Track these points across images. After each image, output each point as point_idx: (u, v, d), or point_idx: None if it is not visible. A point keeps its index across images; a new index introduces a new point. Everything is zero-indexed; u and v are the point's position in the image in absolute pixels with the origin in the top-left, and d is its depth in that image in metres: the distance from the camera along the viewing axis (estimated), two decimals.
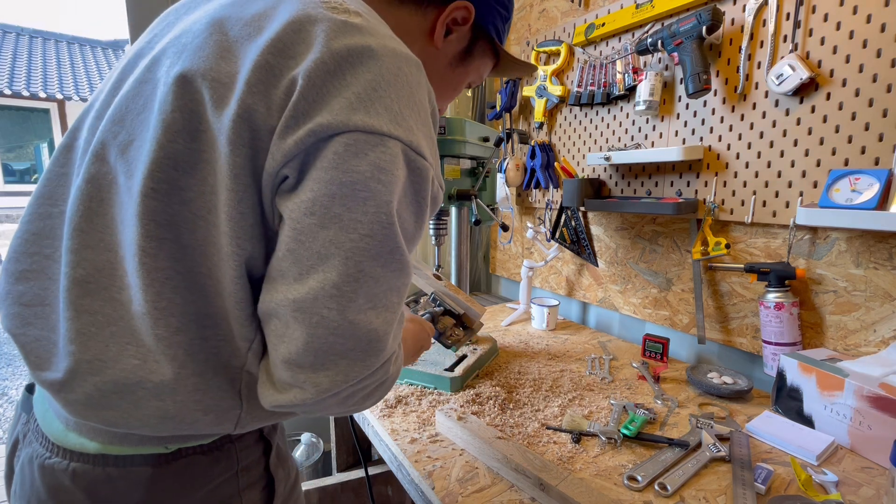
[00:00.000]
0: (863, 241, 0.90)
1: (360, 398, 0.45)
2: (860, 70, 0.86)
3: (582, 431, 0.83)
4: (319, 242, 0.40)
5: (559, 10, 1.52)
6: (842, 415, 0.80)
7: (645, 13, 1.19)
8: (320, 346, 0.40)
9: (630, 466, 0.74)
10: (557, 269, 1.65)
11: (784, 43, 0.96)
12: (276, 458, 0.57)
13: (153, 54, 0.47)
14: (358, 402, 0.46)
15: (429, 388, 1.01)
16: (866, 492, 0.69)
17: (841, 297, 0.94)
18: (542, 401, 0.95)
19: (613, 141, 1.37)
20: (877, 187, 0.82)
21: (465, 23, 0.62)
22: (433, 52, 0.62)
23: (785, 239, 1.00)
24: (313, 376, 0.40)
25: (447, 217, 1.13)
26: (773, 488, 0.70)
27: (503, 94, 1.65)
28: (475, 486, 0.70)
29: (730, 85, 1.06)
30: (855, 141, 0.88)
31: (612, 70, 1.32)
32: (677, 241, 1.23)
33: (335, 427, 1.44)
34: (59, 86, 8.71)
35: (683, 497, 0.68)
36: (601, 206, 1.33)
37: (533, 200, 1.70)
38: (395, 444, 0.81)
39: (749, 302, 1.09)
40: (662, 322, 1.29)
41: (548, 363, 1.16)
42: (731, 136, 1.08)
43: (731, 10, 1.05)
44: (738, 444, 0.79)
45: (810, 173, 0.95)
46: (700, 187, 1.15)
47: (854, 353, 0.92)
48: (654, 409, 0.92)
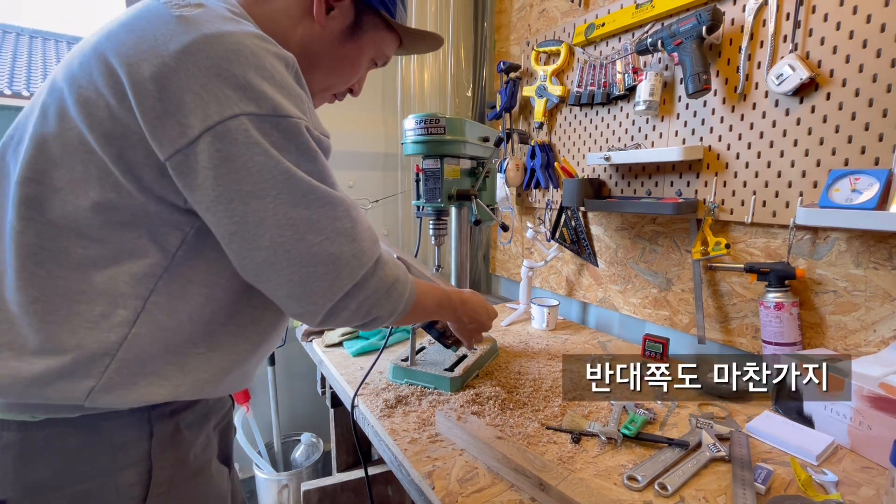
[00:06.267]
0: (863, 241, 0.90)
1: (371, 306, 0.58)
2: (860, 70, 0.86)
3: (582, 431, 0.83)
4: (249, 216, 0.48)
5: (559, 10, 1.52)
6: (842, 415, 0.80)
7: (645, 13, 1.19)
8: (300, 280, 0.51)
9: (630, 466, 0.74)
10: (557, 269, 1.65)
11: (784, 43, 0.96)
12: (163, 445, 0.56)
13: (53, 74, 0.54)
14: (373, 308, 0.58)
15: (429, 388, 1.01)
16: (866, 492, 0.69)
17: (841, 297, 0.94)
18: (542, 401, 0.95)
19: (613, 141, 1.37)
20: (877, 187, 0.82)
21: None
22: (318, 30, 0.63)
23: (785, 239, 1.00)
24: (310, 303, 0.53)
25: (447, 217, 1.13)
26: (773, 488, 0.70)
27: (503, 94, 1.65)
28: (475, 486, 0.70)
29: (730, 85, 1.06)
30: (855, 141, 0.88)
31: (612, 70, 1.32)
32: (677, 241, 1.23)
33: (335, 427, 1.43)
34: None
35: (683, 497, 0.68)
36: (601, 206, 1.33)
37: (533, 200, 1.70)
38: (395, 444, 0.81)
39: (749, 302, 1.09)
40: (662, 322, 1.29)
41: (548, 363, 1.16)
42: (731, 136, 1.08)
43: (731, 10, 1.05)
44: (738, 444, 0.78)
45: (810, 173, 0.95)
46: (700, 187, 1.15)
47: (854, 353, 0.92)
48: (653, 409, 0.92)
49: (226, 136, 0.46)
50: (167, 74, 0.45)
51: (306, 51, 0.64)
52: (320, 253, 0.51)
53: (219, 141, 0.46)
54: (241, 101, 0.46)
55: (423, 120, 1.02)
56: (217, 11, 0.51)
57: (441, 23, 1.81)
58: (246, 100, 0.46)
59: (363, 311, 0.58)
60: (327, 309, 0.54)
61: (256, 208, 0.48)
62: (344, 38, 0.66)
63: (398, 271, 0.63)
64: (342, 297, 0.55)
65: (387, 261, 0.61)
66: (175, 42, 0.46)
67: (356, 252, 0.54)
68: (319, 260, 0.52)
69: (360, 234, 0.55)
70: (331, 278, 0.53)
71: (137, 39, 0.47)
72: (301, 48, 0.63)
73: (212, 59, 0.46)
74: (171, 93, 0.45)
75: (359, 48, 0.68)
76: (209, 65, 0.45)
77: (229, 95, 0.46)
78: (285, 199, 0.49)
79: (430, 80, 1.83)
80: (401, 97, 1.78)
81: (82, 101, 0.48)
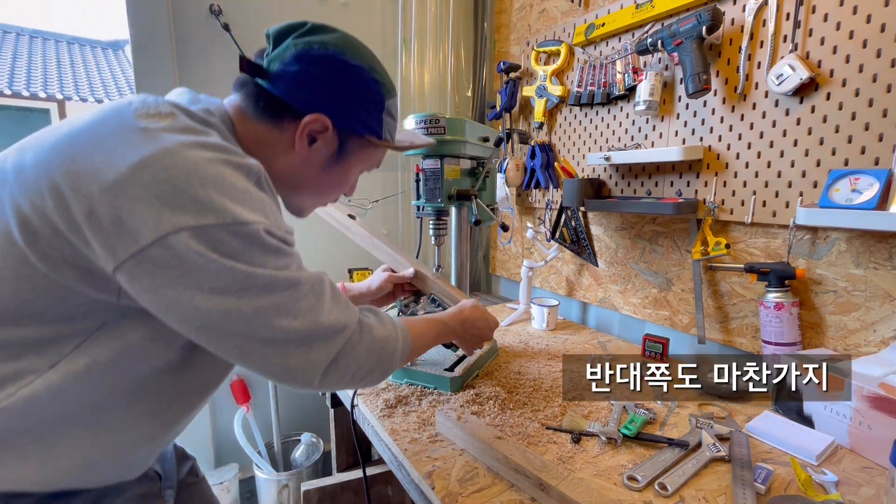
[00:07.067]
0: (863, 241, 0.90)
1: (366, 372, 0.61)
2: (860, 70, 0.86)
3: (582, 431, 0.83)
4: (213, 313, 0.49)
5: (559, 10, 1.52)
6: (842, 415, 0.80)
7: (645, 13, 1.19)
8: (279, 361, 0.54)
9: (630, 466, 0.74)
10: (557, 269, 1.65)
11: (784, 43, 0.96)
12: None
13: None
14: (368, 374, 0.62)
15: (429, 388, 1.01)
16: (866, 492, 0.69)
17: (841, 298, 0.94)
18: (542, 401, 0.95)
19: (613, 141, 1.37)
20: (877, 187, 0.82)
21: (325, 130, 0.62)
22: (302, 161, 0.63)
23: (785, 239, 1.00)
24: (298, 380, 0.56)
25: (447, 217, 1.13)
26: (773, 488, 0.70)
27: (503, 94, 1.65)
28: (475, 486, 0.70)
29: (730, 85, 1.06)
30: (855, 141, 0.88)
31: (612, 70, 1.32)
32: (677, 241, 1.23)
33: (335, 427, 1.43)
34: (59, 86, 8.70)
35: (683, 497, 0.68)
36: (601, 206, 1.33)
37: (533, 200, 1.70)
38: (395, 444, 0.81)
39: (749, 302, 1.09)
40: (662, 322, 1.29)
41: (548, 363, 1.16)
42: (731, 136, 1.07)
43: (731, 10, 1.05)
44: (738, 444, 0.78)
45: (810, 173, 0.95)
46: (700, 187, 1.15)
47: (854, 353, 0.92)
48: (653, 409, 0.92)
49: (177, 244, 0.46)
50: (121, 185, 0.45)
51: (291, 178, 0.64)
52: (289, 333, 0.53)
53: (169, 249, 0.45)
54: (198, 213, 0.46)
55: (424, 120, 1.02)
56: (183, 123, 0.51)
57: (441, 23, 1.81)
58: (203, 211, 0.46)
59: (358, 376, 0.61)
60: (317, 381, 0.56)
61: (220, 303, 0.48)
62: (329, 164, 0.65)
63: (386, 330, 0.65)
64: (329, 369, 0.57)
65: (372, 325, 0.63)
66: (132, 155, 0.46)
67: (328, 325, 0.56)
68: (290, 339, 0.53)
69: (326, 308, 0.56)
70: (306, 355, 0.55)
71: (95, 149, 0.47)
72: (285, 175, 0.63)
73: (168, 171, 0.46)
74: (124, 203, 0.45)
75: (345, 170, 0.68)
76: (165, 177, 0.45)
77: (185, 207, 0.46)
78: (247, 292, 0.50)
79: (430, 80, 1.83)
80: (401, 97, 1.78)
81: (25, 210, 0.47)
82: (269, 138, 0.61)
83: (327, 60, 0.60)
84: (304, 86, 0.60)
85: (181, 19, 1.38)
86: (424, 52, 1.79)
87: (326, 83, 0.60)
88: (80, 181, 0.45)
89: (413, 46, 1.77)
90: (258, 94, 0.60)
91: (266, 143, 0.61)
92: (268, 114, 0.60)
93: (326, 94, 0.61)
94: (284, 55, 0.59)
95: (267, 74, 0.60)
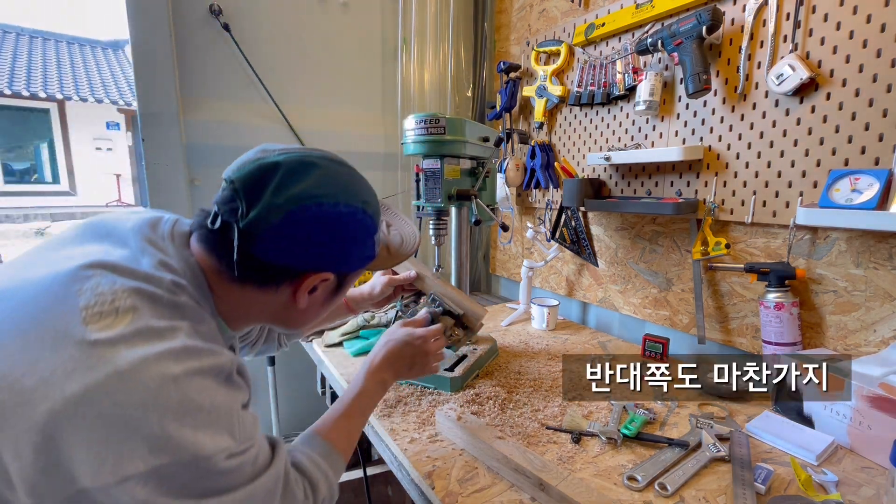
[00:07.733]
0: (863, 241, 0.90)
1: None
2: (860, 70, 0.86)
3: (582, 431, 0.83)
4: None
5: (559, 10, 1.52)
6: (842, 415, 0.80)
7: (645, 13, 1.19)
8: None
9: (630, 466, 0.74)
10: (557, 269, 1.65)
11: (784, 43, 0.96)
12: None
13: None
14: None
15: (429, 388, 1.00)
16: (866, 492, 0.69)
17: (841, 297, 0.94)
18: (542, 401, 0.95)
19: (613, 141, 1.37)
20: (877, 187, 0.82)
21: (327, 280, 0.59)
22: (303, 307, 0.60)
23: (785, 239, 1.00)
24: None
25: (447, 217, 1.13)
26: (773, 488, 0.70)
27: (503, 94, 1.65)
28: (475, 486, 0.70)
29: (730, 85, 1.06)
30: (855, 141, 0.88)
31: (612, 70, 1.32)
32: (677, 241, 1.23)
33: None
34: (59, 86, 8.71)
35: (683, 497, 0.68)
36: (601, 206, 1.33)
37: (533, 200, 1.70)
38: (394, 443, 0.81)
39: (749, 302, 1.09)
40: (662, 322, 1.29)
41: (548, 363, 1.16)
42: (731, 136, 1.07)
43: (731, 10, 1.05)
44: (738, 444, 0.78)
45: (810, 173, 0.95)
46: (700, 187, 1.15)
47: (854, 353, 0.92)
48: (653, 409, 0.92)
49: (120, 495, 0.40)
50: (57, 422, 0.38)
51: (288, 322, 0.63)
52: None
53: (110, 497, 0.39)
54: (150, 453, 0.40)
55: (424, 120, 1.02)
56: (145, 324, 0.44)
57: (441, 23, 1.81)
58: (156, 451, 0.40)
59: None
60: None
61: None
62: (328, 299, 0.64)
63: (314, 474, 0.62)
64: None
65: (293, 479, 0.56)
66: (73, 383, 0.38)
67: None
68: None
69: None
70: None
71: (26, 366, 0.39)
72: (281, 322, 0.63)
73: (119, 407, 0.39)
74: (59, 444, 0.38)
75: (342, 296, 0.67)
76: (115, 414, 0.39)
77: (135, 450, 0.39)
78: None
79: (430, 80, 1.82)
80: (401, 97, 1.78)
81: None
82: (258, 299, 0.57)
83: (326, 219, 0.54)
84: (304, 251, 0.55)
85: (181, 19, 1.38)
86: (424, 52, 1.79)
87: (327, 242, 0.55)
88: (3, 410, 0.38)
89: (413, 46, 1.77)
90: (243, 259, 0.52)
91: (253, 303, 0.58)
92: (256, 279, 0.55)
93: (327, 252, 0.56)
94: (271, 219, 0.51)
95: (252, 239, 0.52)
